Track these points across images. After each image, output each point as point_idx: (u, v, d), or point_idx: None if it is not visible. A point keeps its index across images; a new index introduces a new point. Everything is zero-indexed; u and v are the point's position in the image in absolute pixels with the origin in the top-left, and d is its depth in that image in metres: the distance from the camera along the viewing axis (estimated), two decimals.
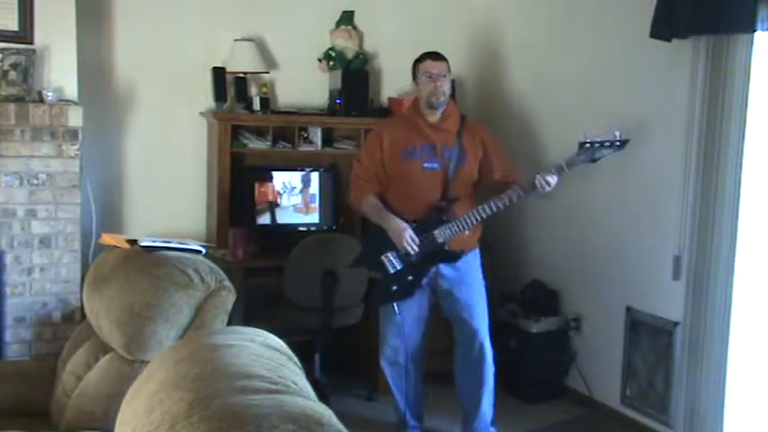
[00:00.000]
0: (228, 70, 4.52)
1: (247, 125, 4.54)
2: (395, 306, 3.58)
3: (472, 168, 3.66)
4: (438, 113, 3.63)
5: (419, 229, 3.49)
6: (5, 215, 3.83)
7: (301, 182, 4.64)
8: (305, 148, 4.63)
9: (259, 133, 4.56)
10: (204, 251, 2.76)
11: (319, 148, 4.65)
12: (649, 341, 3.94)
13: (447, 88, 3.61)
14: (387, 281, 3.56)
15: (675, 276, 3.73)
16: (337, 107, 4.68)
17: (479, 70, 5.11)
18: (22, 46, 3.83)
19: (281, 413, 1.26)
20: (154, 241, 2.72)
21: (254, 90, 4.62)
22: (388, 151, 3.61)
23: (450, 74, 3.65)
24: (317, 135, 4.64)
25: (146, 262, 2.55)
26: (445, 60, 3.63)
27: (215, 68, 4.50)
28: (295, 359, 1.70)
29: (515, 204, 3.56)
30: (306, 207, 4.65)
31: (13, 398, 2.78)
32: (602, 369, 4.26)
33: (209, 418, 1.27)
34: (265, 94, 4.60)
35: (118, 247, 2.83)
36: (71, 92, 3.98)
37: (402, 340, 3.64)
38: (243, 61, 4.52)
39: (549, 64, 4.61)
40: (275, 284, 4.15)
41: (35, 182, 3.86)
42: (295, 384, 1.46)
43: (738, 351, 3.51)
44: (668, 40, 3.57)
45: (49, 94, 3.84)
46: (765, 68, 3.38)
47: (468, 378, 3.72)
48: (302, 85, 4.80)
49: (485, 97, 5.10)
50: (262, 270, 4.30)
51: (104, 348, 2.56)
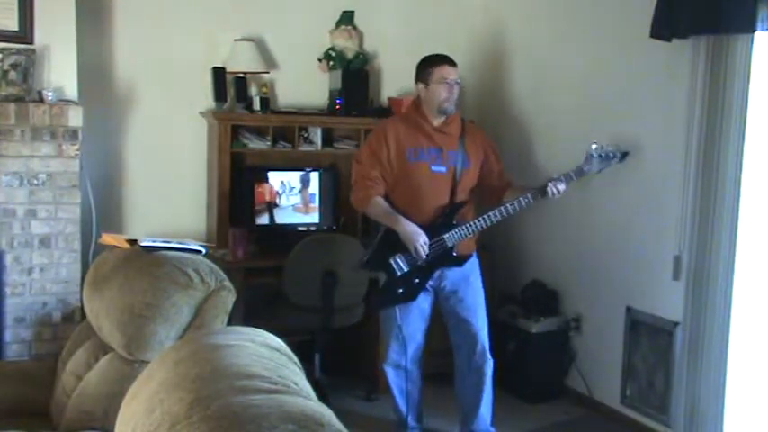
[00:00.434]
0: (228, 70, 4.52)
1: (247, 125, 4.54)
2: (397, 309, 3.58)
3: (475, 172, 3.67)
4: (443, 117, 3.62)
5: (428, 233, 3.48)
6: (5, 215, 3.83)
7: (300, 182, 4.63)
8: (305, 148, 4.63)
9: (259, 133, 4.56)
10: (204, 251, 2.76)
11: (319, 148, 4.65)
12: (649, 341, 3.94)
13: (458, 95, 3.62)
14: (393, 283, 3.54)
15: (675, 276, 3.73)
16: (337, 107, 4.68)
17: (479, 71, 5.11)
18: (22, 46, 3.83)
19: (281, 413, 1.26)
20: (154, 241, 2.72)
21: (254, 90, 4.62)
22: (394, 151, 3.57)
23: None
24: (317, 135, 4.64)
25: (146, 262, 2.55)
26: (457, 65, 3.62)
27: (215, 68, 4.50)
28: (295, 359, 1.70)
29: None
30: (305, 207, 4.65)
31: (13, 398, 2.78)
32: (602, 369, 4.26)
33: (209, 418, 1.27)
34: (265, 94, 4.60)
35: (118, 247, 2.83)
36: (71, 92, 3.98)
37: (404, 342, 3.64)
38: (243, 61, 4.52)
39: (549, 64, 4.61)
40: (275, 284, 4.15)
41: (35, 182, 3.86)
42: (295, 384, 1.46)
43: (738, 351, 3.51)
44: (668, 40, 3.57)
45: (49, 94, 3.84)
46: (765, 68, 3.38)
47: (468, 379, 3.72)
48: (302, 85, 4.80)
49: (485, 98, 5.10)
50: (262, 270, 4.30)
51: (104, 348, 2.56)
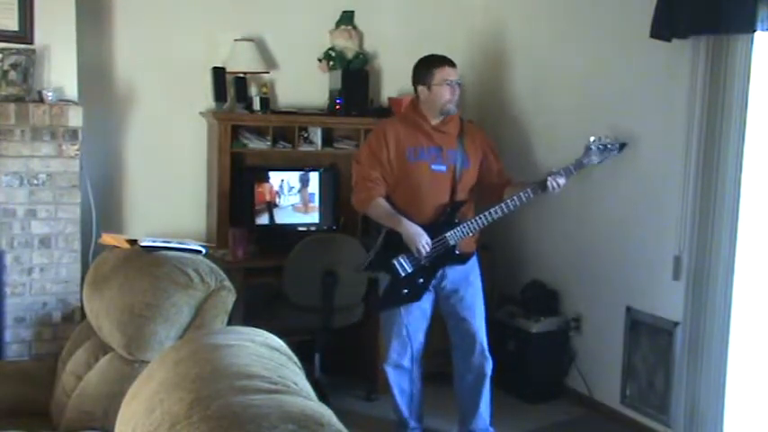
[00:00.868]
0: (228, 70, 4.52)
1: (247, 125, 4.54)
2: (401, 309, 3.58)
3: (475, 171, 3.68)
4: (442, 117, 3.63)
5: (430, 232, 3.48)
6: (5, 215, 3.83)
7: (300, 182, 4.63)
8: (305, 148, 4.63)
9: (259, 133, 4.56)
10: (204, 251, 2.76)
11: (319, 148, 4.65)
12: (649, 341, 3.94)
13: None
14: (397, 284, 3.54)
15: (675, 276, 3.73)
16: (337, 107, 4.68)
17: (479, 70, 5.11)
18: (22, 46, 3.82)
19: (281, 413, 1.26)
20: (154, 241, 2.72)
21: (254, 90, 4.62)
22: (394, 151, 3.57)
23: None
24: (317, 135, 4.64)
25: (146, 262, 2.55)
26: (456, 65, 3.63)
27: (215, 68, 4.50)
28: (295, 359, 1.70)
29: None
30: (305, 207, 4.65)
31: (13, 398, 2.78)
32: (602, 369, 4.26)
33: (209, 418, 1.27)
34: (265, 94, 4.60)
35: (118, 247, 2.83)
36: (71, 92, 3.98)
37: (407, 342, 3.65)
38: (243, 61, 4.52)
39: (548, 64, 4.61)
40: (275, 284, 4.15)
41: (35, 182, 3.86)
42: (295, 384, 1.46)
43: (738, 351, 3.51)
44: (668, 40, 3.57)
45: (49, 94, 3.84)
46: (765, 68, 3.38)
47: (467, 379, 3.72)
48: (302, 85, 4.79)
49: (484, 97, 5.10)
50: (262, 270, 4.30)
51: (104, 348, 2.56)
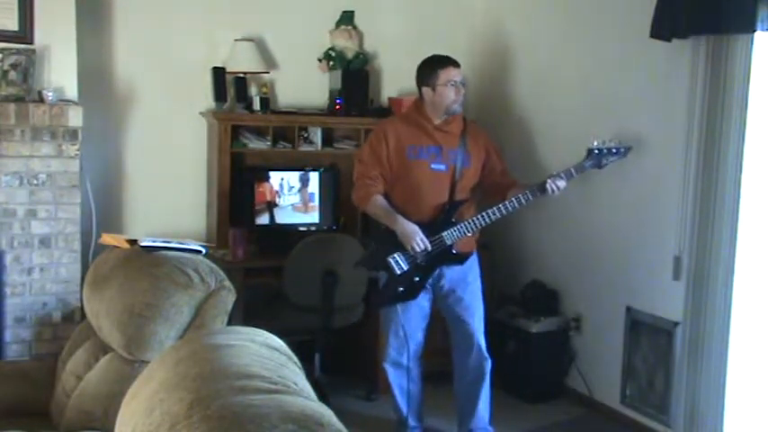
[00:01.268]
0: (228, 70, 4.52)
1: (247, 125, 4.54)
2: (398, 307, 3.59)
3: (476, 171, 3.68)
4: (445, 116, 3.63)
5: (427, 231, 3.49)
6: (5, 215, 3.84)
7: (300, 181, 4.63)
8: (305, 148, 4.63)
9: (259, 133, 4.56)
10: (204, 251, 2.76)
11: (319, 148, 4.65)
12: (649, 341, 3.94)
13: None
14: (393, 282, 3.55)
15: (675, 276, 3.73)
16: (337, 107, 4.68)
17: (479, 70, 5.11)
18: (22, 46, 3.83)
19: (281, 413, 1.26)
20: (154, 241, 2.72)
21: (254, 90, 4.62)
22: (394, 150, 3.58)
23: None
24: (317, 135, 4.64)
25: (146, 262, 2.55)
26: (460, 65, 3.64)
27: (215, 68, 4.50)
28: (295, 359, 1.70)
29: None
30: (305, 206, 4.65)
31: (13, 398, 2.78)
32: (602, 369, 4.26)
33: (209, 418, 1.27)
34: (265, 94, 4.60)
35: (118, 247, 2.83)
36: (71, 92, 3.98)
37: (404, 341, 3.65)
38: (243, 61, 4.52)
39: (549, 64, 4.61)
40: (275, 284, 4.15)
41: (35, 182, 3.87)
42: (295, 384, 1.46)
43: (738, 351, 3.51)
44: (668, 40, 3.57)
45: (49, 94, 3.84)
46: (765, 68, 3.38)
47: (466, 378, 3.72)
48: (302, 85, 4.79)
49: (485, 97, 5.10)
50: (262, 270, 4.30)
51: (104, 348, 2.56)
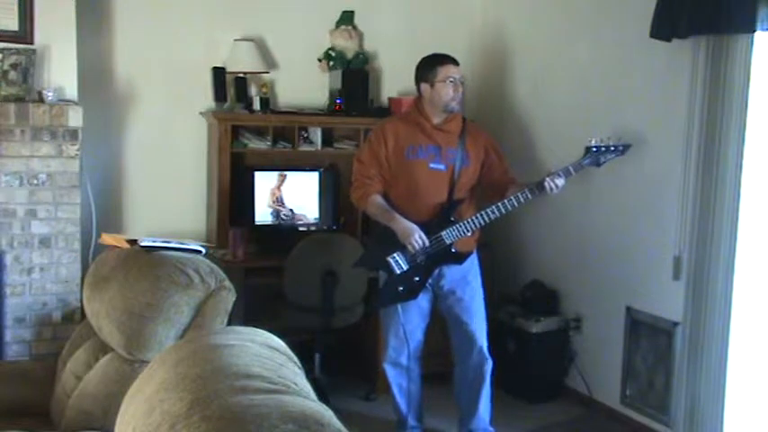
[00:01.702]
0: (228, 70, 4.52)
1: (247, 125, 4.54)
2: (398, 307, 3.59)
3: (475, 170, 3.67)
4: (444, 115, 3.63)
5: (426, 230, 3.48)
6: (5, 215, 3.84)
7: (300, 181, 4.63)
8: (305, 147, 4.63)
9: (259, 133, 4.56)
10: (204, 251, 2.76)
11: (319, 147, 4.65)
12: (649, 341, 3.94)
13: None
14: (393, 282, 3.54)
15: (675, 276, 3.73)
16: (337, 107, 4.68)
17: (479, 70, 5.11)
18: (22, 46, 3.83)
19: (281, 413, 1.26)
20: (154, 241, 2.72)
21: (254, 90, 4.62)
22: (392, 149, 3.59)
23: None
24: (316, 135, 4.64)
25: (146, 262, 2.55)
26: (459, 64, 3.64)
27: (215, 68, 4.50)
28: (295, 359, 1.70)
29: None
30: (305, 206, 4.65)
31: (13, 398, 2.78)
32: (602, 369, 4.26)
33: (209, 418, 1.27)
34: (265, 94, 4.60)
35: (118, 247, 2.83)
36: (71, 92, 3.98)
37: (404, 341, 3.65)
38: (243, 61, 4.52)
39: (548, 64, 4.61)
40: (275, 284, 4.15)
41: (35, 182, 3.87)
42: (295, 384, 1.46)
43: (738, 351, 3.51)
44: (668, 40, 3.57)
45: (49, 94, 3.84)
46: (765, 68, 3.38)
47: (467, 379, 3.72)
48: (302, 85, 4.80)
49: (485, 97, 5.11)
50: (262, 270, 4.30)
51: (104, 348, 2.56)
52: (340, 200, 4.59)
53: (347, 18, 4.84)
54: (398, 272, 3.51)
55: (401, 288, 3.56)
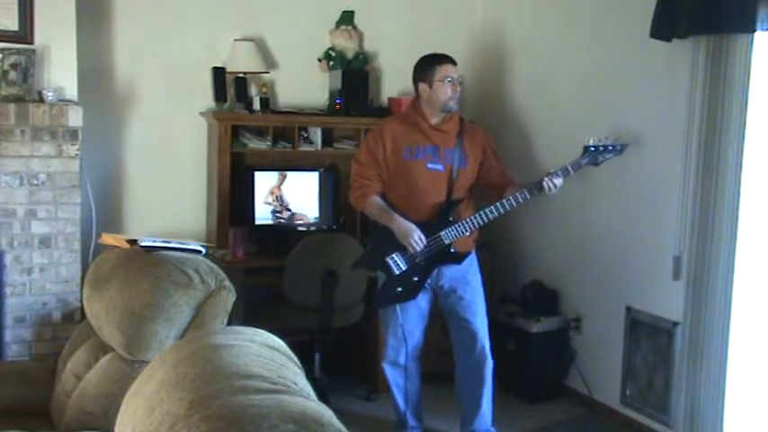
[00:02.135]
0: (228, 70, 4.52)
1: (247, 125, 4.54)
2: (397, 307, 3.59)
3: (473, 170, 3.67)
4: (442, 115, 3.63)
5: (425, 231, 3.48)
6: (5, 215, 3.84)
7: (300, 181, 4.63)
8: (305, 147, 4.63)
9: (259, 133, 4.56)
10: (204, 251, 2.76)
11: (319, 148, 4.65)
12: (649, 341, 3.94)
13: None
14: (392, 282, 3.54)
15: (675, 276, 3.73)
16: (337, 107, 4.68)
17: (479, 70, 5.11)
18: (22, 46, 3.83)
19: (281, 413, 1.26)
20: (154, 241, 2.72)
21: (254, 90, 4.62)
22: (390, 150, 3.59)
23: None
24: (316, 135, 4.64)
25: (146, 262, 2.55)
26: (457, 63, 3.64)
27: (215, 68, 4.50)
28: (295, 359, 1.70)
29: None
30: (305, 206, 4.65)
31: (13, 398, 2.78)
32: (602, 369, 4.26)
33: (209, 418, 1.27)
34: (265, 94, 4.60)
35: (118, 247, 2.83)
36: (71, 92, 3.98)
37: (403, 340, 3.65)
38: (243, 61, 4.52)
39: (549, 64, 4.61)
40: (275, 284, 4.15)
41: (35, 182, 3.87)
42: (295, 384, 1.46)
43: (738, 351, 3.51)
44: (668, 40, 3.57)
45: (49, 94, 3.84)
46: (765, 68, 3.38)
47: (469, 379, 3.72)
48: (302, 85, 4.80)
49: (484, 97, 5.11)
50: (262, 270, 4.30)
51: (104, 348, 2.56)
52: (340, 200, 4.59)
53: (347, 18, 4.84)
54: (397, 272, 3.51)
55: (400, 288, 3.56)
